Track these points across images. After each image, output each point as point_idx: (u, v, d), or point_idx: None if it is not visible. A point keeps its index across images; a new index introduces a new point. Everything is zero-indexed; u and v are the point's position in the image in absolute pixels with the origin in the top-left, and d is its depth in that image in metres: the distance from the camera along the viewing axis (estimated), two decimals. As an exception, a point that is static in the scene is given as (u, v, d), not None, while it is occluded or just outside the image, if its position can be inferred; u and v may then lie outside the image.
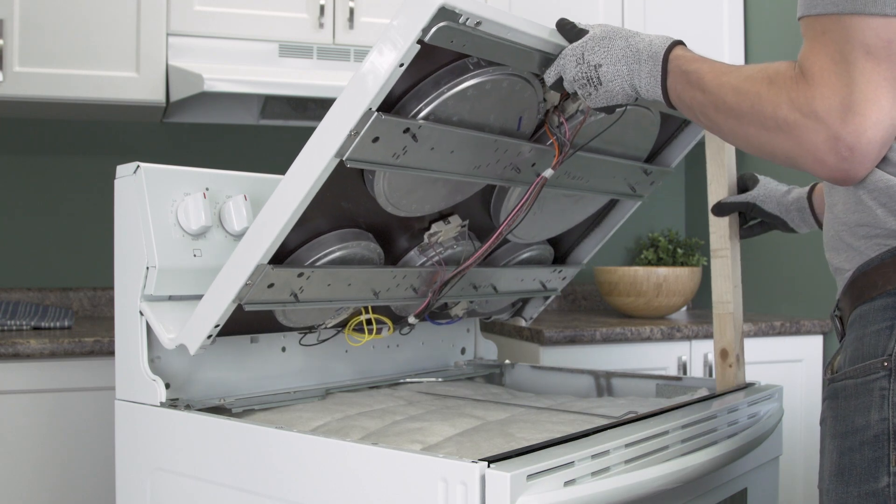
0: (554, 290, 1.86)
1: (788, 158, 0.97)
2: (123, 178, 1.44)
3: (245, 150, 2.75)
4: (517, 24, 1.17)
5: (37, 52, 2.22)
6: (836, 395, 1.02)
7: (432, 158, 1.28)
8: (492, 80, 1.24)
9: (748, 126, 0.99)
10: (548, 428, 1.30)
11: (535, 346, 2.30)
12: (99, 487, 2.01)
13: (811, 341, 2.57)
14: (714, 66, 1.07)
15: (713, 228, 1.49)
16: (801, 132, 0.92)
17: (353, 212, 1.41)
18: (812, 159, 0.93)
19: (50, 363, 1.97)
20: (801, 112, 0.92)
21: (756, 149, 1.01)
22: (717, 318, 1.49)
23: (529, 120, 1.38)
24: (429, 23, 1.07)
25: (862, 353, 0.99)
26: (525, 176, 1.44)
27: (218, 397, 1.47)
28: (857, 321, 1.03)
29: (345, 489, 1.10)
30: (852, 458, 0.97)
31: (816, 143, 0.91)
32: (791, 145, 0.94)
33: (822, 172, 0.94)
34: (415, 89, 1.22)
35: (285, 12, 2.41)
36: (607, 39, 1.17)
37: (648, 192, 1.70)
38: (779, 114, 0.94)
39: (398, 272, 1.49)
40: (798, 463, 2.53)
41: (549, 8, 2.69)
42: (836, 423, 1.01)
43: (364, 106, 1.12)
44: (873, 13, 0.90)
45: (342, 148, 1.15)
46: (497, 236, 1.44)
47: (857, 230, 1.04)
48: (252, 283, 1.27)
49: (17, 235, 2.55)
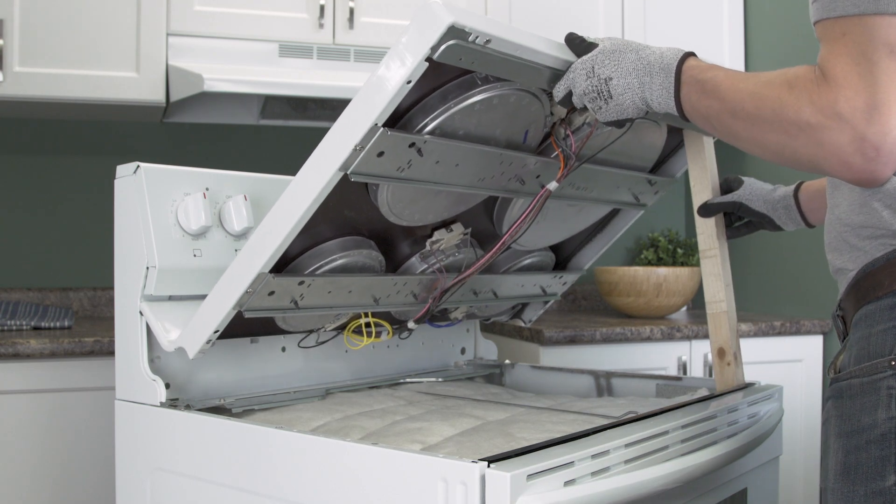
0: (554, 295, 1.86)
1: (811, 162, 0.95)
2: (123, 178, 1.44)
3: (245, 150, 2.75)
4: (526, 42, 1.15)
5: (37, 52, 2.22)
6: (840, 395, 1.02)
7: (437, 171, 1.28)
8: (499, 95, 1.23)
9: (768, 132, 0.98)
10: (548, 428, 1.30)
11: (535, 346, 2.30)
12: (99, 487, 2.01)
13: (811, 341, 2.57)
14: (729, 73, 1.06)
15: (700, 230, 1.50)
16: (825, 134, 0.91)
17: (355, 219, 1.40)
18: (837, 161, 0.92)
19: (50, 363, 1.97)
20: (825, 114, 0.91)
21: (776, 154, 0.99)
22: (711, 318, 1.49)
23: (536, 133, 1.37)
24: (438, 41, 1.06)
25: (868, 352, 0.99)
26: (529, 187, 1.44)
27: (218, 397, 1.47)
28: (862, 320, 1.02)
29: (345, 489, 1.10)
30: (858, 456, 0.97)
31: (841, 144, 0.90)
32: (815, 148, 0.93)
33: (848, 175, 0.93)
34: (421, 103, 1.21)
35: (285, 12, 2.41)
36: (617, 53, 1.16)
37: (652, 202, 1.70)
38: (801, 117, 0.93)
39: (399, 280, 1.49)
40: (798, 463, 2.53)
41: (548, 12, 2.70)
42: (841, 423, 1.00)
43: (370, 121, 1.12)
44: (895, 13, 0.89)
45: (347, 162, 1.15)
46: (499, 247, 1.44)
47: (862, 231, 1.04)
48: (253, 290, 1.27)
49: (17, 235, 2.55)
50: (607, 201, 1.61)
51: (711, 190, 1.49)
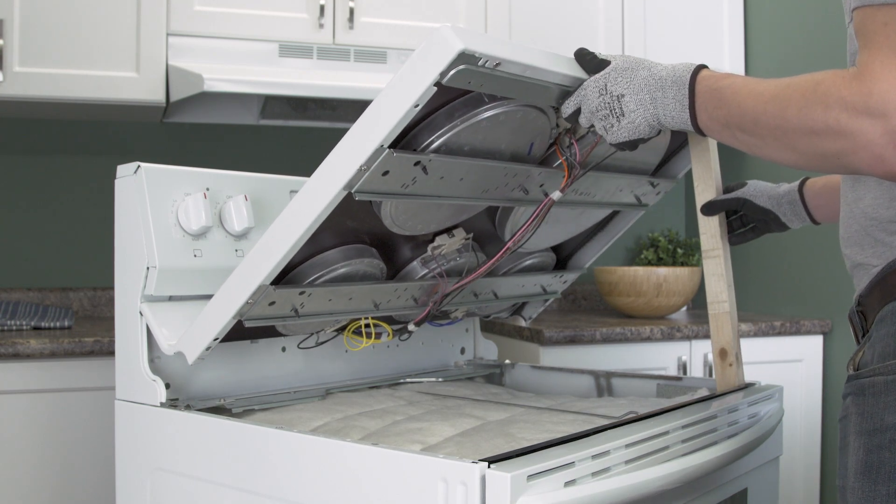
0: (554, 294, 1.86)
1: (839, 160, 0.92)
2: (123, 178, 1.44)
3: (245, 150, 2.75)
4: (535, 61, 1.14)
5: (37, 52, 2.22)
6: (862, 392, 1.00)
7: (441, 186, 1.27)
8: (506, 112, 1.22)
9: (793, 134, 0.95)
10: (548, 428, 1.30)
11: (535, 346, 2.30)
12: (99, 487, 2.01)
13: (811, 341, 2.57)
14: (746, 80, 1.03)
15: (703, 229, 1.49)
16: (856, 129, 0.88)
17: (357, 228, 1.40)
18: (869, 156, 0.88)
19: (50, 363, 1.97)
20: (856, 109, 0.87)
21: (802, 155, 0.96)
22: (713, 318, 1.49)
23: (541, 145, 1.36)
24: (448, 67, 1.05)
25: (894, 350, 0.97)
26: (533, 196, 1.44)
27: (218, 397, 1.47)
28: (888, 317, 0.99)
29: (345, 489, 1.10)
30: (881, 455, 0.95)
31: (874, 138, 0.87)
32: (844, 145, 0.90)
33: (881, 170, 0.89)
34: (427, 120, 1.20)
35: (285, 12, 2.41)
36: (630, 70, 1.15)
37: (654, 202, 1.70)
38: (830, 115, 0.90)
39: (400, 286, 1.49)
40: (798, 463, 2.53)
41: (548, 23, 2.69)
42: (862, 420, 0.98)
43: (376, 143, 1.11)
44: None
45: (351, 181, 1.14)
46: (502, 254, 1.44)
47: (890, 226, 1.02)
48: (253, 301, 1.27)
49: (17, 235, 2.55)
50: (609, 204, 1.61)
51: (715, 189, 1.49)
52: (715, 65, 2.74)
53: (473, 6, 2.59)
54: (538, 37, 2.64)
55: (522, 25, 2.66)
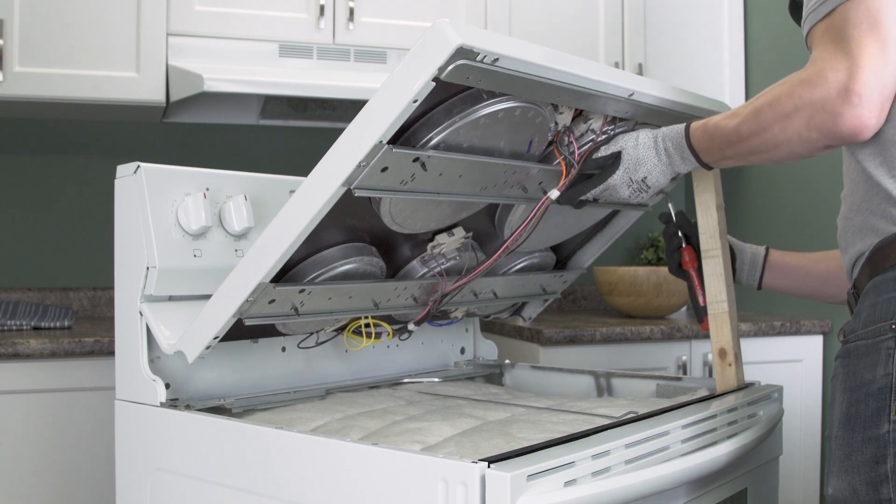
0: (554, 293, 1.86)
1: (809, 126, 1.10)
2: (123, 178, 1.44)
3: (245, 150, 2.75)
4: (534, 57, 1.15)
5: (37, 52, 2.22)
6: (848, 355, 1.13)
7: (440, 183, 1.27)
8: (505, 109, 1.23)
9: (773, 128, 1.15)
10: (548, 428, 1.30)
11: (534, 346, 2.30)
12: (99, 487, 2.01)
13: (811, 341, 2.57)
14: (723, 114, 1.26)
15: (702, 229, 1.50)
16: (816, 96, 1.08)
17: (356, 227, 1.40)
18: (830, 116, 1.07)
19: (50, 363, 1.97)
20: (813, 84, 1.08)
21: (785, 142, 1.15)
22: (712, 318, 1.49)
23: (540, 142, 1.37)
24: (446, 62, 1.05)
25: (874, 318, 1.10)
26: (532, 194, 1.44)
27: (218, 397, 1.47)
28: (871, 290, 1.13)
29: (345, 489, 1.10)
30: (858, 407, 1.08)
31: (830, 97, 1.06)
32: (811, 112, 1.09)
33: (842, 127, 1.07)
34: (426, 117, 1.20)
35: (285, 12, 2.41)
36: (642, 158, 1.35)
37: (655, 202, 1.70)
38: (794, 93, 1.11)
39: (399, 285, 1.49)
40: (798, 463, 2.53)
41: (549, 19, 2.69)
42: (846, 379, 1.12)
43: (374, 139, 1.11)
44: None
45: (350, 177, 1.14)
46: (500, 253, 1.44)
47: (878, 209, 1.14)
48: (253, 299, 1.27)
49: (18, 235, 2.55)
50: (609, 204, 1.61)
51: (714, 189, 1.49)
52: (715, 63, 2.76)
53: (473, 6, 2.59)
54: (538, 37, 2.64)
55: (522, 25, 2.66)
